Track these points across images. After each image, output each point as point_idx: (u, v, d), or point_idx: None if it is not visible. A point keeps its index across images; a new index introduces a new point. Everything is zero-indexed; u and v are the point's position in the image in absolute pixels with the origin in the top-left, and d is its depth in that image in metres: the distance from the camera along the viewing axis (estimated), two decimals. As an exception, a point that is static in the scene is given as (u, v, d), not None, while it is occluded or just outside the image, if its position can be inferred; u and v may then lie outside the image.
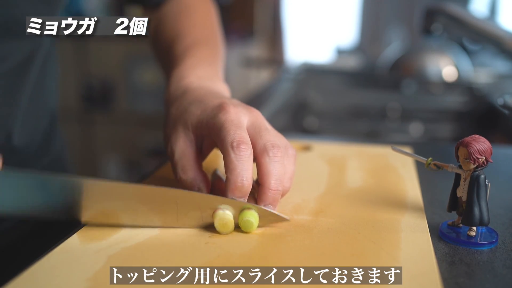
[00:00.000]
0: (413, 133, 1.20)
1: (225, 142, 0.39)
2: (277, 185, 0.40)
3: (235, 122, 0.40)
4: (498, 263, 0.35)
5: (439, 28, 0.87)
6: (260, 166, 0.40)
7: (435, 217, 0.43)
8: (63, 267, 0.33)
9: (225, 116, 0.41)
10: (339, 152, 0.61)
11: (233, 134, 0.39)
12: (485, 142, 0.37)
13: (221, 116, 0.41)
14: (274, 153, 0.40)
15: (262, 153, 0.40)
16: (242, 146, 0.39)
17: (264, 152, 0.40)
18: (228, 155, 0.39)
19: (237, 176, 0.38)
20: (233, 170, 0.38)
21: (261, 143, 0.40)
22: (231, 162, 0.38)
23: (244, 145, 0.39)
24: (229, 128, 0.40)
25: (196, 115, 0.43)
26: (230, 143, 0.39)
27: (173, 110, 0.46)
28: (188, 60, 0.52)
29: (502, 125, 1.03)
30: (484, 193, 0.38)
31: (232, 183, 0.38)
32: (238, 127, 0.40)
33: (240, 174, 0.38)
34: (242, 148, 0.38)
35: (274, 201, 0.40)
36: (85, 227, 0.39)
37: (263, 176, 0.40)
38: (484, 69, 1.56)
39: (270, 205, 0.40)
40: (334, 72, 1.51)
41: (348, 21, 3.08)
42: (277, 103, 1.05)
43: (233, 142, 0.39)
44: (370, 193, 0.47)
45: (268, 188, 0.39)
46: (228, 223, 0.38)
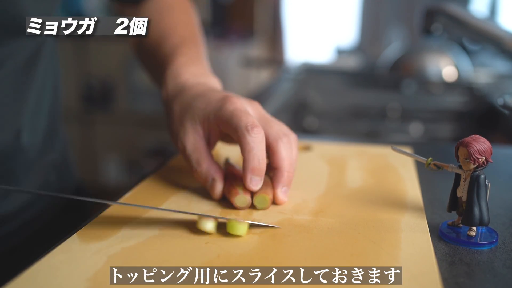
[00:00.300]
0: (413, 133, 1.20)
1: (239, 127, 0.42)
2: (291, 167, 0.45)
3: (243, 110, 0.44)
4: (498, 263, 0.35)
5: (439, 28, 0.87)
6: (275, 152, 0.44)
7: (435, 217, 0.43)
8: (63, 267, 0.33)
9: (232, 106, 0.44)
10: (339, 152, 0.61)
11: (245, 119, 0.42)
12: (485, 142, 0.37)
13: (229, 107, 0.44)
14: (286, 140, 0.45)
15: (276, 141, 0.44)
16: (256, 129, 0.42)
17: (278, 140, 0.44)
18: (244, 138, 0.42)
19: (254, 156, 0.42)
20: (250, 151, 0.42)
21: (273, 132, 0.45)
22: (247, 144, 0.42)
23: (258, 128, 0.42)
24: (240, 115, 0.43)
25: (202, 109, 0.46)
26: (244, 127, 0.42)
27: (176, 107, 0.48)
28: (180, 58, 0.54)
29: (502, 125, 1.03)
30: (484, 193, 0.38)
31: (250, 164, 0.42)
32: (248, 114, 0.43)
33: (257, 154, 0.42)
34: (256, 130, 0.42)
35: (290, 183, 0.45)
36: (85, 227, 0.39)
37: (279, 160, 0.44)
38: (484, 69, 1.56)
39: (286, 187, 0.44)
40: (334, 72, 1.51)
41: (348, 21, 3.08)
42: (277, 103, 1.05)
43: (247, 126, 0.42)
44: (370, 193, 0.47)
45: (285, 170, 0.44)
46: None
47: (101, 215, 0.41)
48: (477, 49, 1.73)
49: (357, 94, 1.28)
